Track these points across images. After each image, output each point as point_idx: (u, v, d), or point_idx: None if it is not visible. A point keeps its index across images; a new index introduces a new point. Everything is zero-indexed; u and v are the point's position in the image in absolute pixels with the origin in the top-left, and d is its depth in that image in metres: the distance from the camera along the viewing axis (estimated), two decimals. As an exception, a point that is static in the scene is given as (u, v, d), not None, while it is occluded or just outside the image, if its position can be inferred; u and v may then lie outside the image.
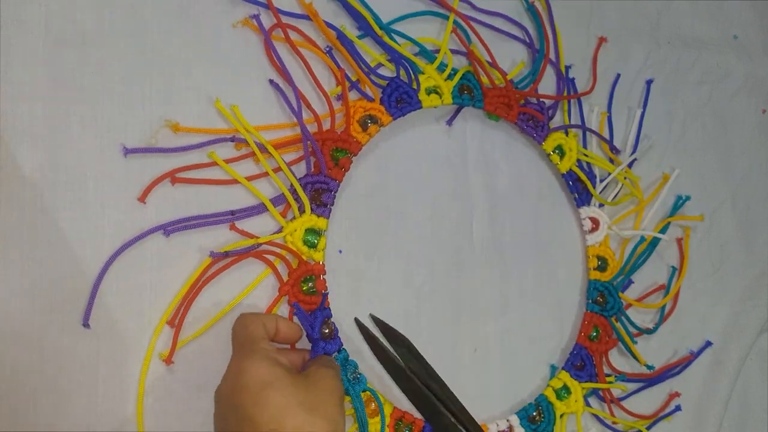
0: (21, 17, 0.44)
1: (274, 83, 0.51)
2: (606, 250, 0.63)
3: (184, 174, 0.47)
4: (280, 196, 0.49)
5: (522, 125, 0.60)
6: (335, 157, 0.52)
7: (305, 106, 0.51)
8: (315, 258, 0.50)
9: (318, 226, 0.50)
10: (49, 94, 0.44)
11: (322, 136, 0.51)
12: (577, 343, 0.60)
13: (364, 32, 0.54)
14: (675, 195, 0.68)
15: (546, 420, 0.57)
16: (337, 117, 0.53)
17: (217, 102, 0.48)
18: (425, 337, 0.55)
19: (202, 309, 0.47)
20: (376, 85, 0.54)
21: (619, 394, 0.62)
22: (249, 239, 0.48)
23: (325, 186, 0.51)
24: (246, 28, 0.51)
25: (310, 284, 0.49)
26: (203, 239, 0.47)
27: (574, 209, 0.63)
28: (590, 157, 0.63)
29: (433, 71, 0.56)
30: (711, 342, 0.67)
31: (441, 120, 0.58)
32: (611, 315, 0.61)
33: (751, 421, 0.69)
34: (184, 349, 0.46)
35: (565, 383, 0.58)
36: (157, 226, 0.46)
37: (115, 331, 0.44)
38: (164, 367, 0.45)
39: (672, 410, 0.64)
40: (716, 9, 0.74)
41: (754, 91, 0.74)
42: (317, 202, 0.51)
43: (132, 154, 0.45)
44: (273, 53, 0.50)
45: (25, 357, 0.42)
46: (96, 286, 0.44)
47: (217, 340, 0.46)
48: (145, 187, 0.46)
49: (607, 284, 0.62)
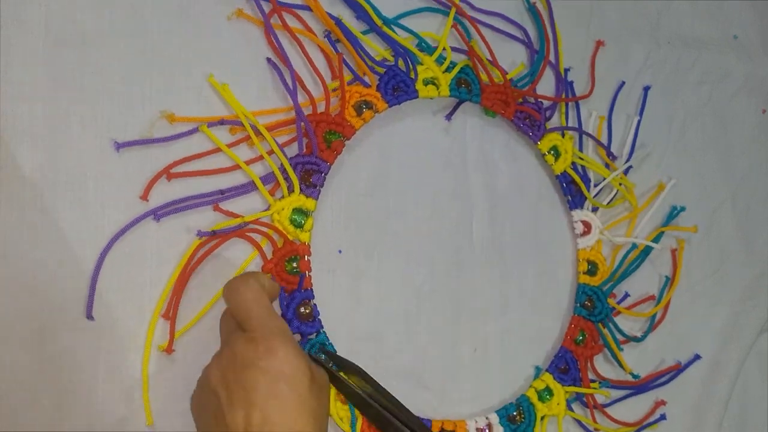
0: (21, 17, 0.44)
1: (271, 62, 0.51)
2: (597, 255, 0.63)
3: (180, 166, 0.47)
4: (269, 175, 0.49)
5: (518, 123, 0.60)
6: (328, 139, 0.52)
7: (300, 88, 0.51)
8: (301, 238, 0.50)
9: (306, 207, 0.50)
10: (49, 94, 0.44)
11: (316, 118, 0.51)
12: (562, 346, 0.60)
13: (364, 22, 0.54)
14: (673, 199, 0.68)
15: (526, 421, 0.56)
16: (333, 103, 0.53)
17: (210, 77, 0.48)
18: (425, 337, 0.55)
19: (197, 296, 0.47)
20: (374, 72, 0.54)
21: (604, 400, 0.61)
22: (235, 218, 0.47)
23: (316, 167, 0.51)
24: (246, 28, 0.51)
25: (294, 264, 0.49)
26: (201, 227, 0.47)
27: (567, 212, 0.63)
28: (585, 161, 0.63)
29: (431, 62, 0.56)
30: (700, 355, 0.66)
31: (439, 114, 0.58)
32: (598, 320, 0.61)
33: (751, 421, 0.69)
34: (183, 336, 0.46)
35: (548, 385, 0.58)
36: (147, 212, 0.45)
37: (115, 330, 0.44)
38: (164, 360, 0.45)
39: (657, 419, 0.63)
40: (716, 9, 0.74)
41: (754, 91, 0.74)
42: (307, 183, 0.51)
43: (125, 148, 0.45)
44: (271, 34, 0.50)
45: (25, 357, 0.42)
46: (95, 276, 0.43)
47: (213, 325, 0.46)
48: (145, 186, 0.46)
49: (596, 289, 0.62)
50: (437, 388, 0.55)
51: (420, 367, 0.55)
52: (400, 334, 0.54)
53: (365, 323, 0.53)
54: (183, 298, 0.46)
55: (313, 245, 0.51)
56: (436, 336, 0.56)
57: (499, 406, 0.57)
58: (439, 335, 0.56)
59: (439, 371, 0.55)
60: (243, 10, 0.50)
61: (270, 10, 0.51)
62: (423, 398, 0.54)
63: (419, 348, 0.55)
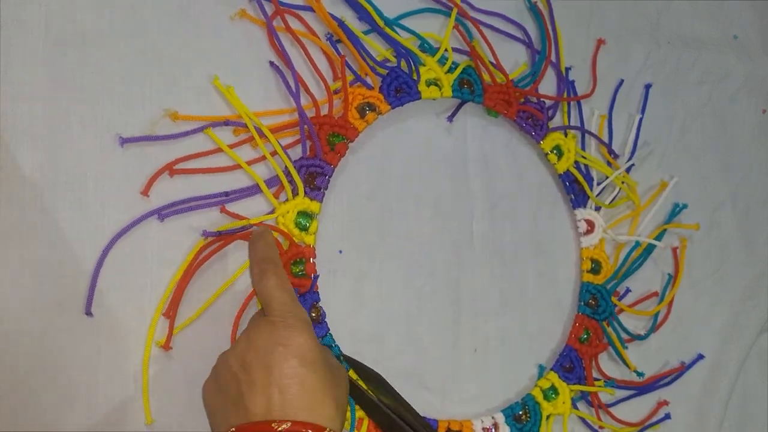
0: (21, 17, 0.44)
1: (274, 65, 0.51)
2: (600, 254, 0.63)
3: (182, 164, 0.47)
4: (274, 178, 0.49)
5: (521, 123, 0.60)
6: (331, 141, 0.52)
7: (304, 91, 0.51)
8: (306, 241, 0.50)
9: (311, 209, 0.50)
10: (49, 94, 0.44)
11: (319, 121, 0.51)
12: (567, 345, 0.60)
13: (366, 23, 0.54)
14: (674, 199, 0.68)
15: (532, 420, 0.56)
16: (336, 105, 0.52)
17: (215, 80, 0.48)
18: (425, 337, 0.55)
19: (198, 298, 0.47)
20: (377, 74, 0.54)
21: (608, 400, 0.61)
22: (241, 220, 0.47)
23: (320, 170, 0.51)
24: (246, 28, 0.51)
25: (300, 267, 0.49)
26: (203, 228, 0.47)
27: (570, 211, 0.63)
28: (588, 160, 0.63)
29: (434, 63, 0.56)
30: (703, 355, 0.67)
31: (441, 116, 0.58)
32: (603, 318, 0.61)
33: (751, 421, 0.69)
34: (184, 336, 0.46)
35: (553, 384, 0.58)
36: (151, 211, 0.45)
37: (115, 330, 0.44)
38: (164, 360, 0.45)
39: (661, 418, 0.63)
40: (716, 9, 0.74)
41: (754, 91, 0.74)
42: (311, 186, 0.51)
43: (127, 145, 0.45)
44: (274, 36, 0.50)
45: (25, 357, 0.42)
46: (96, 273, 0.43)
47: (214, 325, 0.46)
48: (145, 184, 0.46)
49: (600, 287, 0.62)
50: (439, 389, 0.55)
51: (421, 367, 0.55)
52: (401, 334, 0.54)
53: (367, 324, 0.53)
54: (184, 297, 0.46)
55: (315, 246, 0.50)
56: (438, 336, 0.56)
57: (501, 406, 0.57)
58: (440, 336, 0.56)
59: (441, 371, 0.55)
60: (246, 10, 0.50)
61: (273, 12, 0.51)
62: (425, 399, 0.54)
63: (421, 348, 0.55)
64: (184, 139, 0.47)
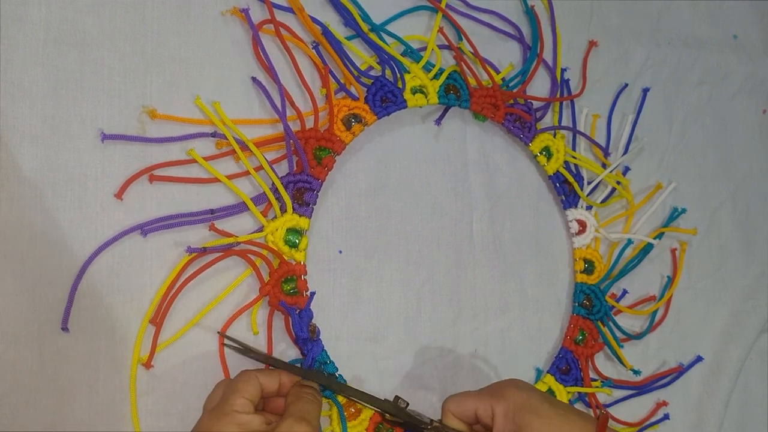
0: (21, 17, 0.44)
1: (257, 81, 0.50)
2: (593, 253, 0.62)
3: (163, 171, 0.46)
4: (261, 195, 0.49)
5: (509, 126, 0.60)
6: (318, 156, 0.51)
7: (288, 104, 0.51)
8: (296, 258, 0.49)
9: (300, 226, 0.49)
10: (49, 94, 0.44)
11: (305, 135, 0.51)
12: (562, 347, 0.60)
13: (351, 29, 0.54)
14: (674, 198, 0.68)
15: None
16: (321, 116, 0.52)
17: (197, 100, 0.48)
18: (425, 337, 0.55)
19: (186, 314, 0.46)
20: (362, 84, 0.54)
21: (606, 400, 0.61)
22: (229, 238, 0.47)
23: (308, 185, 0.50)
24: (245, 28, 0.51)
25: (291, 285, 0.49)
26: (197, 237, 0.47)
27: (562, 211, 0.63)
28: (578, 159, 0.63)
29: (419, 70, 0.56)
30: (702, 357, 0.67)
31: (427, 119, 0.58)
32: (597, 318, 0.61)
33: (751, 421, 0.69)
34: (174, 350, 0.46)
35: (550, 387, 0.58)
36: (134, 226, 0.45)
37: (115, 330, 0.44)
38: (161, 367, 0.45)
39: (660, 419, 0.63)
40: (716, 9, 0.74)
41: (754, 91, 0.74)
42: (299, 202, 0.50)
43: (109, 140, 0.45)
44: (259, 47, 0.50)
45: (25, 357, 0.42)
46: (74, 288, 0.43)
47: (202, 340, 0.46)
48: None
49: (594, 287, 0.62)
50: (437, 389, 0.55)
51: (420, 367, 0.55)
52: (400, 334, 0.54)
53: (366, 324, 0.53)
54: (173, 307, 0.46)
55: (313, 245, 0.50)
56: (436, 336, 0.56)
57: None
58: (439, 335, 0.56)
59: (440, 371, 0.55)
60: (238, 8, 0.50)
61: (261, 21, 0.50)
62: (423, 398, 0.54)
63: (419, 348, 0.55)
64: (183, 142, 0.47)
